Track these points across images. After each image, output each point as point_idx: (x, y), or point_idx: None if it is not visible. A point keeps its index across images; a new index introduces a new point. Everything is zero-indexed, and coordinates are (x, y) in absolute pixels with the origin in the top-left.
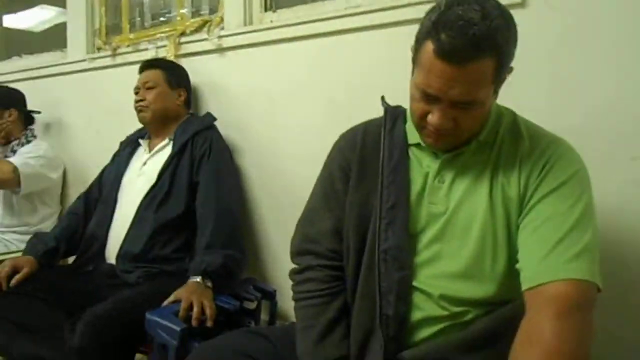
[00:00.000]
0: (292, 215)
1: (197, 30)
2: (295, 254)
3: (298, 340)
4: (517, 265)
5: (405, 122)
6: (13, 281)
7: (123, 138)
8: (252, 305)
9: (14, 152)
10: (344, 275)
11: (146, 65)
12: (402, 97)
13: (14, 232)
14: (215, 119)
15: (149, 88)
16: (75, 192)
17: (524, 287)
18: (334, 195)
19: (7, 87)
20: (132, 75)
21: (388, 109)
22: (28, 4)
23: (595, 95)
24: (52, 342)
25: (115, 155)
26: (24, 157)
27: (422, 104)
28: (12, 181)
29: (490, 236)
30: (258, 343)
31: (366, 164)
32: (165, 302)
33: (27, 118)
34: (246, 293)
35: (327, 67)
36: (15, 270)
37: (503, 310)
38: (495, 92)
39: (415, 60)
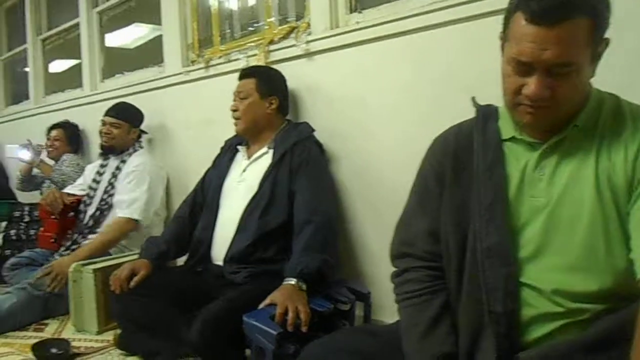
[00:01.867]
0: (390, 221)
1: (285, 37)
2: (394, 257)
3: (403, 340)
4: (630, 255)
5: (497, 119)
6: (132, 283)
7: (219, 145)
8: (345, 307)
9: (124, 162)
10: (442, 274)
11: (243, 74)
12: (494, 92)
13: (128, 237)
14: (313, 130)
15: (242, 98)
16: (178, 197)
17: (638, 277)
18: (429, 198)
19: (136, 107)
20: (225, 85)
21: (480, 108)
22: (124, 23)
23: None
24: (169, 338)
25: (216, 159)
26: (134, 189)
27: (516, 78)
28: (134, 227)
29: (600, 225)
30: (367, 341)
31: (461, 164)
32: (261, 305)
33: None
34: (339, 295)
35: (418, 64)
36: (133, 273)
37: (628, 308)
38: (593, 63)
39: (505, 38)
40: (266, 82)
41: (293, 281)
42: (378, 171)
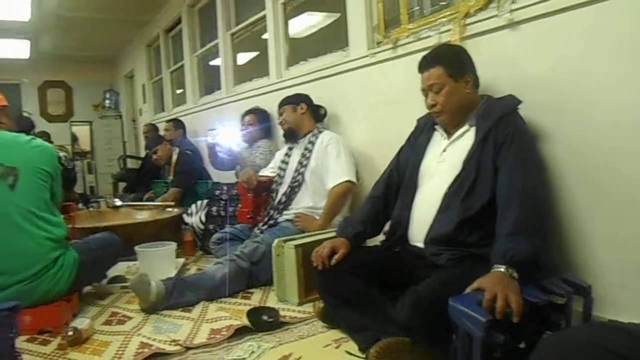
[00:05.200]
0: (619, 208)
1: (483, 8)
2: None
3: None
4: None
5: None
6: (333, 260)
7: (406, 125)
8: (561, 301)
9: (311, 142)
10: None
11: (426, 64)
12: None
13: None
14: (519, 102)
15: (437, 91)
16: (365, 177)
17: None
18: None
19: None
20: (413, 64)
21: None
22: (297, 12)
23: None
24: (374, 315)
25: (411, 137)
26: (336, 158)
27: None
28: (352, 188)
29: None
30: (620, 339)
31: None
32: (468, 289)
33: (317, 115)
34: (554, 286)
35: None
36: (333, 251)
37: None
38: None
39: None
40: (453, 63)
41: (502, 268)
42: (601, 151)
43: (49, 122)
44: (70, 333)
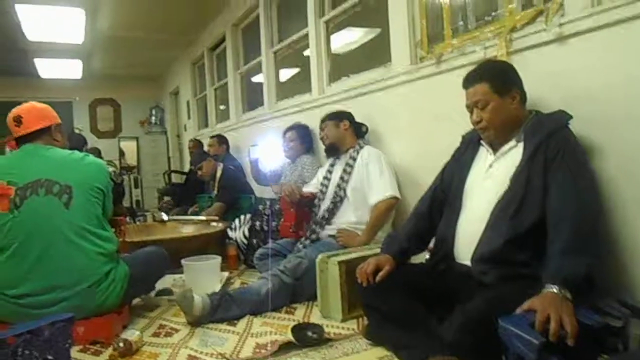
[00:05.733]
0: None
1: (530, 22)
2: None
3: None
4: None
5: None
6: (378, 277)
7: (450, 142)
8: (618, 323)
9: (353, 158)
10: None
11: (471, 80)
12: None
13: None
14: (570, 117)
15: (482, 107)
16: (407, 194)
17: None
18: None
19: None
20: (457, 79)
21: None
22: (339, 28)
23: None
24: (419, 334)
25: (456, 153)
26: (380, 174)
27: None
28: (396, 203)
29: None
30: None
31: None
32: (518, 310)
33: (358, 132)
34: (610, 308)
35: None
36: (378, 268)
37: None
38: None
39: None
40: (499, 79)
41: (555, 288)
42: None
43: (98, 138)
44: (121, 344)
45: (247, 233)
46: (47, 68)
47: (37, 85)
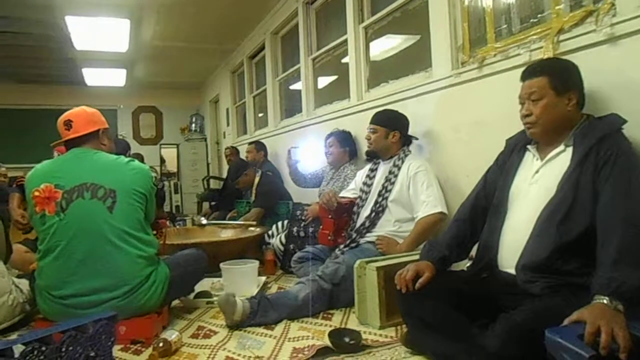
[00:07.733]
0: None
1: (579, 23)
2: None
3: None
4: None
5: None
6: (417, 284)
7: (492, 147)
8: None
9: (397, 166)
10: None
11: (530, 72)
12: None
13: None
14: (624, 121)
15: (534, 100)
16: (449, 200)
17: None
18: None
19: (395, 112)
20: (500, 83)
21: None
22: (378, 35)
23: None
24: (459, 341)
25: (499, 156)
26: (427, 188)
27: None
28: (443, 219)
29: None
30: None
31: None
32: (566, 321)
33: (406, 139)
34: None
35: None
36: (417, 274)
37: None
38: None
39: None
40: (560, 76)
41: (605, 300)
42: None
43: (141, 145)
44: (161, 344)
45: (284, 239)
46: (93, 76)
47: (84, 93)
